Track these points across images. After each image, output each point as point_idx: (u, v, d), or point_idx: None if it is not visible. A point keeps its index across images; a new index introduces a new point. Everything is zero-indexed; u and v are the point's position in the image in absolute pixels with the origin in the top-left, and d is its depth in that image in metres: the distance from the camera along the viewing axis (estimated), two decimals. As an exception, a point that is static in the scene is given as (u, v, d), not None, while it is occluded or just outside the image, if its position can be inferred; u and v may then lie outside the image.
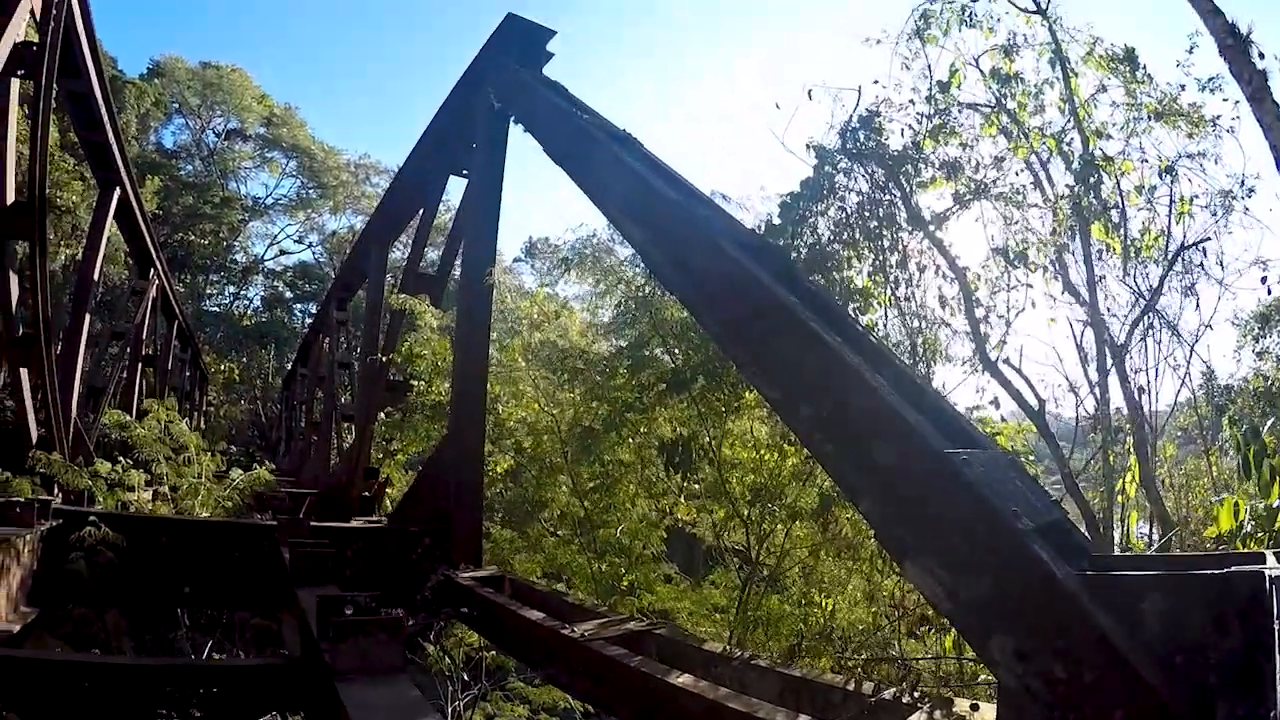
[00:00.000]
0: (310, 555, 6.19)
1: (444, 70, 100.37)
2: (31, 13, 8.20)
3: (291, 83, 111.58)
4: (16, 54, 8.22)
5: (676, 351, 8.62)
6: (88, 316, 13.10)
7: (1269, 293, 11.31)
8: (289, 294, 55.14)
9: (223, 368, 46.05)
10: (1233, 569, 1.85)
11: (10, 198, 8.89)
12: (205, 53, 70.15)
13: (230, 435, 39.24)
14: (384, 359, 10.95)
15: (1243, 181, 11.13)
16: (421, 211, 10.90)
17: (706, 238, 4.04)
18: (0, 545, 5.87)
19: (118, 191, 14.02)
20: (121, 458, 10.56)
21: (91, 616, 8.51)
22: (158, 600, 7.97)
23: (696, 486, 9.45)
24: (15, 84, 8.47)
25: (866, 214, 10.25)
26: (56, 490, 9.56)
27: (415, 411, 11.51)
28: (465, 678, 11.05)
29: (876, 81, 11.55)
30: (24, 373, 9.55)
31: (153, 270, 19.36)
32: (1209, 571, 1.91)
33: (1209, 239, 11.19)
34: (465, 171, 9.43)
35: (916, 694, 3.49)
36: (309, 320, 49.54)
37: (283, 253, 56.88)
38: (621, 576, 9.52)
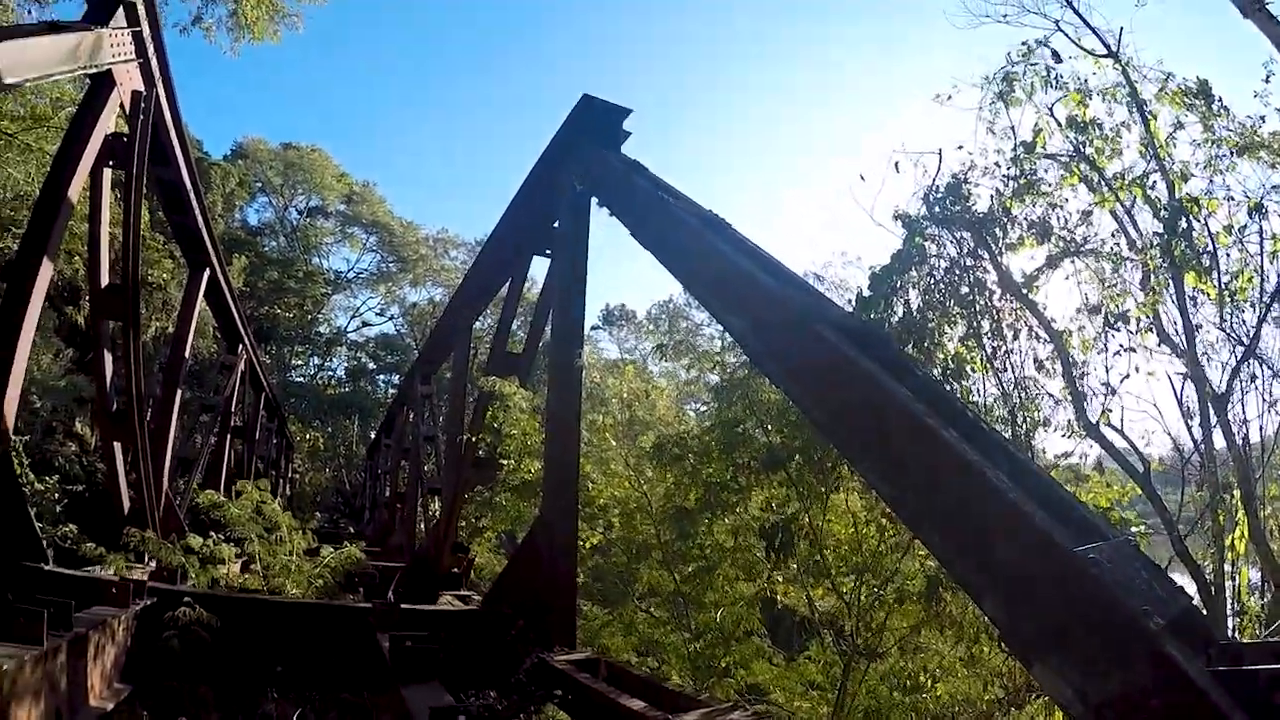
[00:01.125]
0: (411, 651, 6.16)
1: (518, 143, 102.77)
2: (121, 106, 8.56)
3: (369, 160, 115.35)
4: (108, 145, 8.54)
5: (771, 430, 8.50)
6: (179, 391, 13.52)
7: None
8: (371, 365, 56.19)
9: (308, 436, 46.90)
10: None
11: (105, 280, 9.25)
12: (285, 134, 72.45)
13: (315, 501, 39.87)
14: (472, 438, 10.99)
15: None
16: (508, 288, 10.98)
17: (808, 327, 3.95)
18: (97, 627, 5.95)
19: (207, 272, 14.52)
20: (213, 532, 10.74)
21: (181, 689, 8.60)
22: (249, 678, 8.00)
23: (794, 566, 9.26)
24: (108, 174, 8.81)
25: (956, 280, 10.12)
26: (148, 559, 9.74)
27: (504, 488, 11.51)
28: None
29: (961, 147, 11.48)
30: (118, 445, 9.80)
31: (241, 345, 19.91)
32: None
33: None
34: (548, 251, 9.50)
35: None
36: (392, 391, 50.50)
37: (365, 325, 58.29)
38: (719, 657, 9.35)
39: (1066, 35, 11.89)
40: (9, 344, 7.37)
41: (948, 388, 7.62)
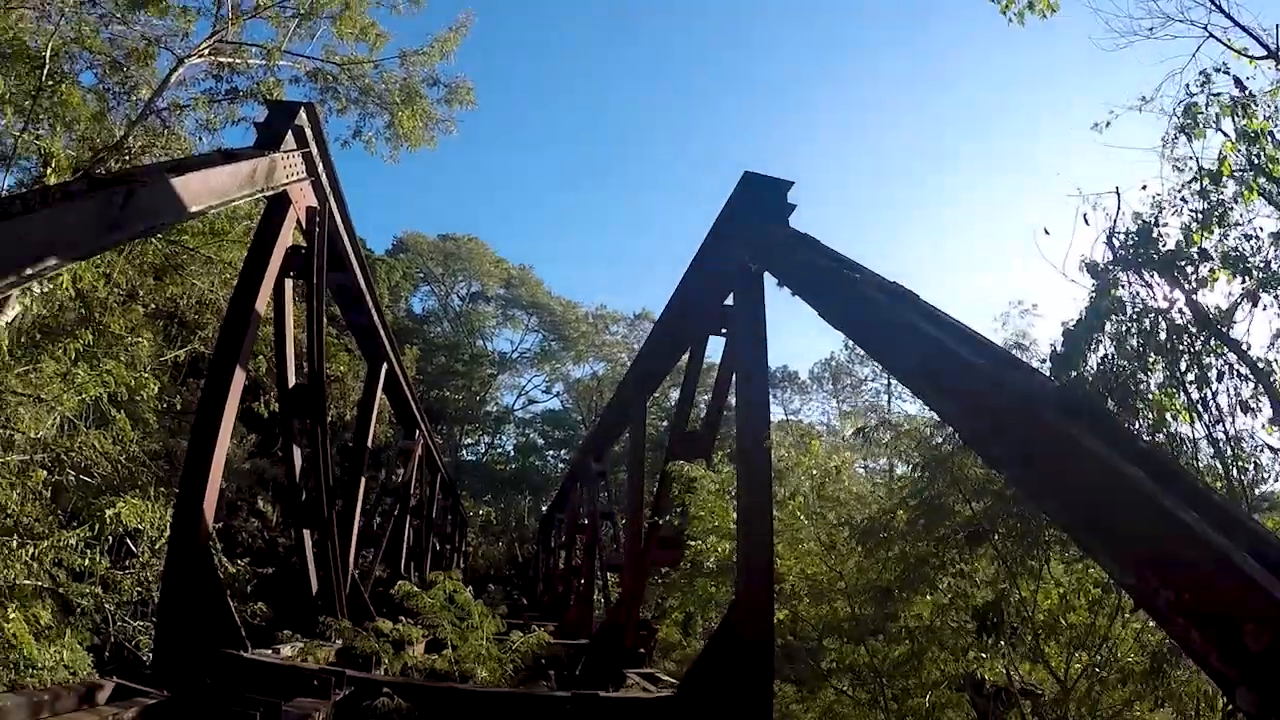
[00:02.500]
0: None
1: (670, 214, 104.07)
2: (298, 221, 8.91)
3: (523, 244, 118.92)
4: (289, 258, 9.00)
5: (976, 504, 8.01)
6: (363, 479, 14.07)
7: None
8: (540, 441, 57.30)
9: (480, 511, 48.14)
10: None
11: (292, 380, 9.77)
12: (441, 224, 75.46)
13: (488, 573, 40.61)
14: (658, 519, 10.85)
15: None
16: (686, 367, 10.89)
17: (1024, 407, 3.69)
18: None
19: (385, 366, 15.08)
20: (403, 617, 10.89)
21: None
22: None
23: (1002, 644, 8.67)
24: (289, 283, 9.19)
25: (1152, 325, 9.43)
26: (334, 638, 10.02)
27: (693, 568, 11.28)
28: None
29: (1144, 187, 10.78)
30: (306, 532, 10.26)
31: (417, 431, 20.61)
32: None
33: None
34: (724, 330, 9.33)
35: None
36: (561, 466, 51.34)
37: (531, 402, 59.75)
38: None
39: (1217, 39, 11.07)
40: (207, 450, 7.66)
41: (1170, 454, 6.99)
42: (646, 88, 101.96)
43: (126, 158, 16.75)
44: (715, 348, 10.04)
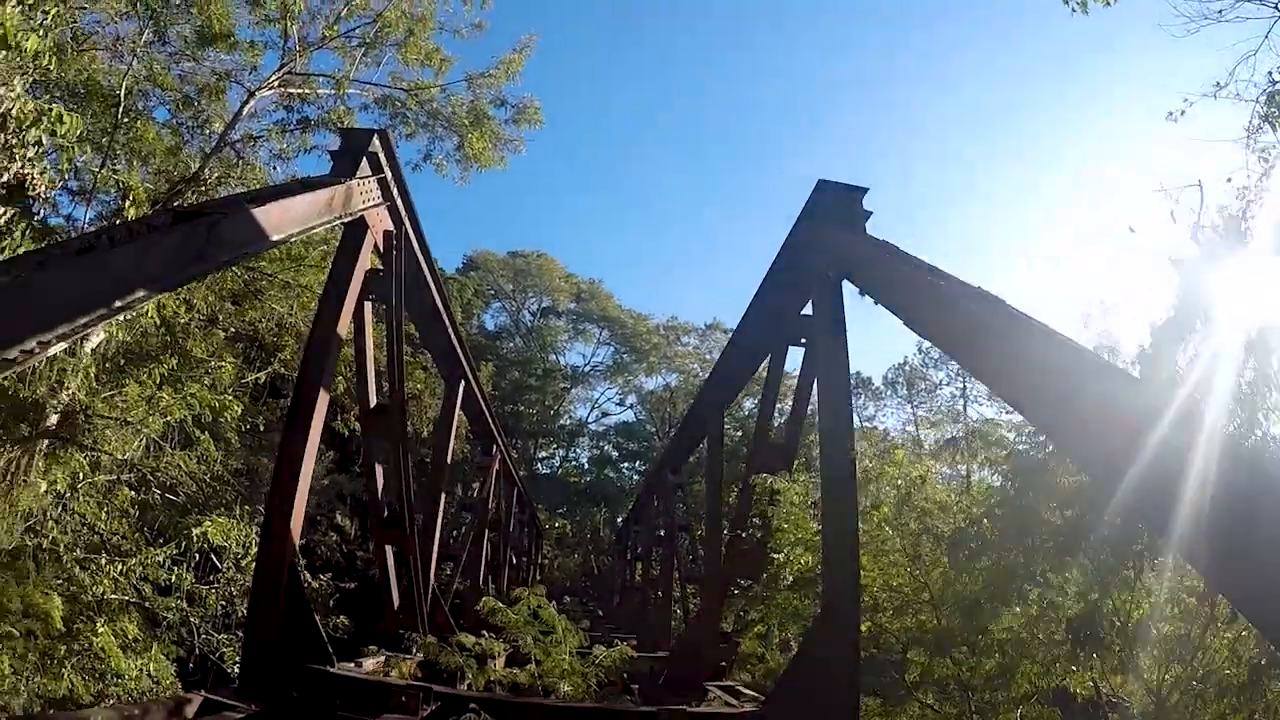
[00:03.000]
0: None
1: (734, 223, 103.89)
2: (376, 246, 9.05)
3: (591, 258, 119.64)
4: (368, 282, 9.10)
5: (1068, 514, 7.81)
6: (442, 495, 14.34)
7: None
8: (614, 453, 57.49)
9: (556, 524, 48.46)
10: None
11: (373, 401, 9.88)
12: (509, 241, 76.19)
13: (564, 585, 40.84)
14: (741, 533, 10.77)
15: None
16: (765, 379, 10.80)
17: (1128, 419, 3.54)
18: None
19: (463, 384, 15.25)
20: (485, 631, 10.98)
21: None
22: None
23: (1096, 657, 8.42)
24: (368, 306, 9.33)
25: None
26: (415, 651, 10.20)
27: (776, 581, 11.16)
28: None
29: (1230, 180, 10.45)
30: (389, 548, 10.33)
31: (495, 447, 20.77)
32: None
33: None
34: (803, 340, 9.24)
35: None
36: (635, 477, 51.47)
37: (604, 415, 60.10)
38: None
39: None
40: (294, 469, 7.77)
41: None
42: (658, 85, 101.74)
43: (203, 189, 17.25)
44: (793, 358, 9.99)
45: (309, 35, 19.98)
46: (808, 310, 8.97)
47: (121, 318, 12.65)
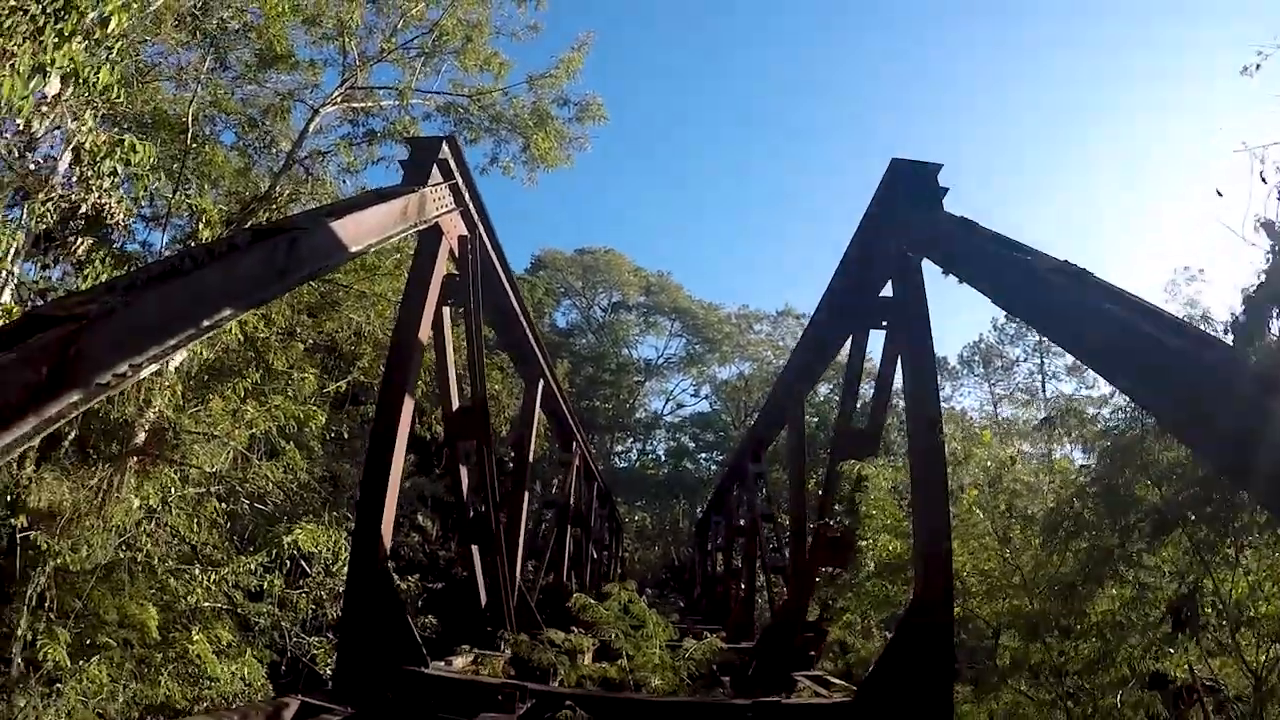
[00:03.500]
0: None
1: (806, 204, 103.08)
2: (451, 252, 9.16)
3: (658, 252, 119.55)
4: (445, 287, 9.25)
5: (1164, 489, 7.55)
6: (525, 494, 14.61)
7: None
8: (691, 444, 57.43)
9: (635, 517, 48.61)
10: None
11: (455, 404, 10.03)
12: (575, 238, 76.35)
13: (645, 578, 40.97)
14: (829, 520, 10.65)
15: None
16: (847, 365, 10.67)
17: (1231, 391, 3.50)
18: None
19: (541, 383, 15.42)
20: (573, 627, 11.07)
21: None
22: None
23: (1195, 639, 8.12)
24: (447, 311, 9.44)
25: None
26: (502, 648, 10.26)
27: (864, 569, 11.00)
28: None
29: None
30: (475, 548, 10.43)
31: (574, 443, 20.86)
32: None
33: None
34: (884, 323, 9.11)
35: None
36: (713, 468, 51.39)
37: (679, 406, 60.11)
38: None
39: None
40: (382, 475, 7.91)
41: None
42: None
43: (274, 207, 17.62)
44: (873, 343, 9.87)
45: (367, 49, 20.28)
46: (887, 292, 8.85)
47: (206, 337, 13.00)
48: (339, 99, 19.79)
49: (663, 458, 57.77)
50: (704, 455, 56.50)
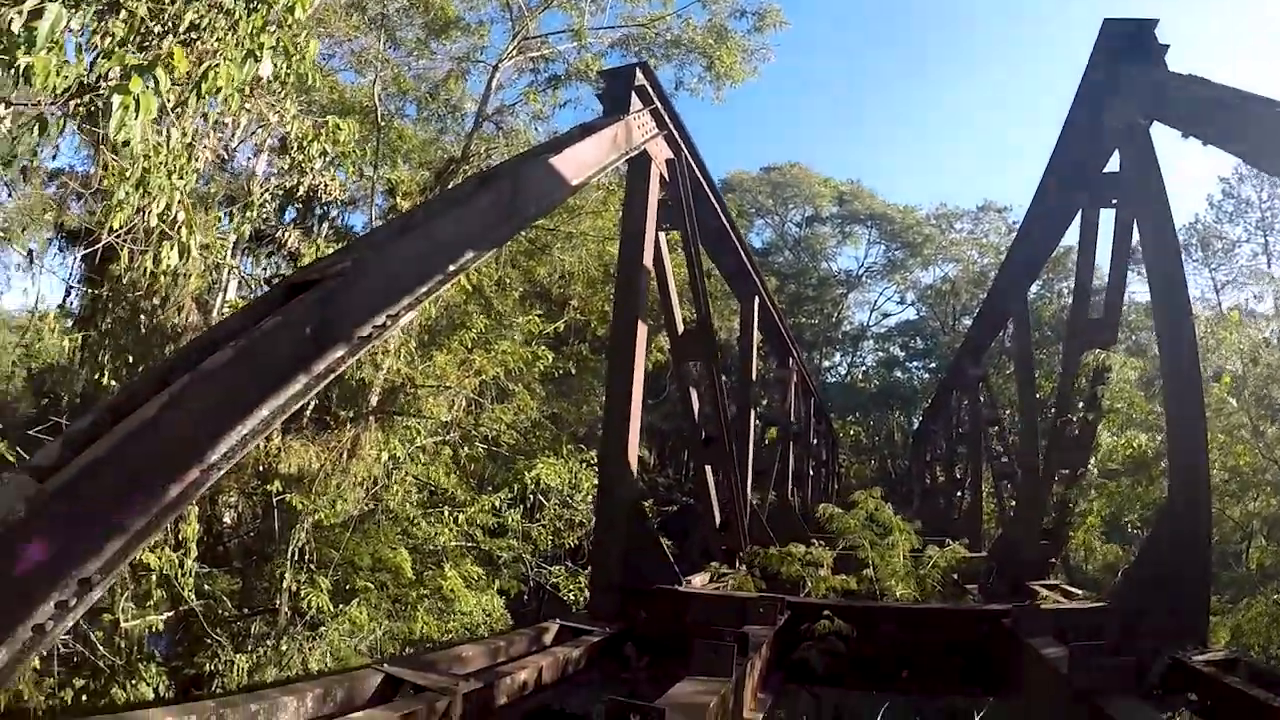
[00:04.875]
0: (1095, 667, 5.45)
1: (990, 91, 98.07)
2: (661, 176, 9.22)
3: (843, 160, 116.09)
4: (660, 211, 9.33)
5: None
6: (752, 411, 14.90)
7: None
8: (900, 354, 56.44)
9: (849, 431, 48.31)
10: None
11: (680, 327, 10.19)
12: (760, 160, 74.79)
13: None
14: (1071, 417, 10.20)
15: None
16: (1078, 251, 10.13)
17: None
18: (757, 649, 6.13)
19: (757, 300, 15.56)
20: (814, 539, 11.17)
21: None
22: (875, 683, 7.97)
23: None
24: (663, 236, 9.52)
25: None
26: (737, 564, 10.40)
27: (1106, 469, 10.52)
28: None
29: None
30: (708, 468, 10.56)
31: (790, 359, 20.87)
32: None
33: None
34: (1114, 201, 8.63)
35: None
36: (925, 376, 50.33)
37: (885, 315, 58.83)
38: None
39: None
40: (625, 405, 8.19)
41: None
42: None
43: (468, 167, 18.31)
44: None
45: (530, 1, 20.58)
46: (1113, 166, 8.39)
47: (450, 283, 13.78)
48: (514, 53, 20.30)
49: (873, 369, 56.96)
50: (915, 364, 55.24)
